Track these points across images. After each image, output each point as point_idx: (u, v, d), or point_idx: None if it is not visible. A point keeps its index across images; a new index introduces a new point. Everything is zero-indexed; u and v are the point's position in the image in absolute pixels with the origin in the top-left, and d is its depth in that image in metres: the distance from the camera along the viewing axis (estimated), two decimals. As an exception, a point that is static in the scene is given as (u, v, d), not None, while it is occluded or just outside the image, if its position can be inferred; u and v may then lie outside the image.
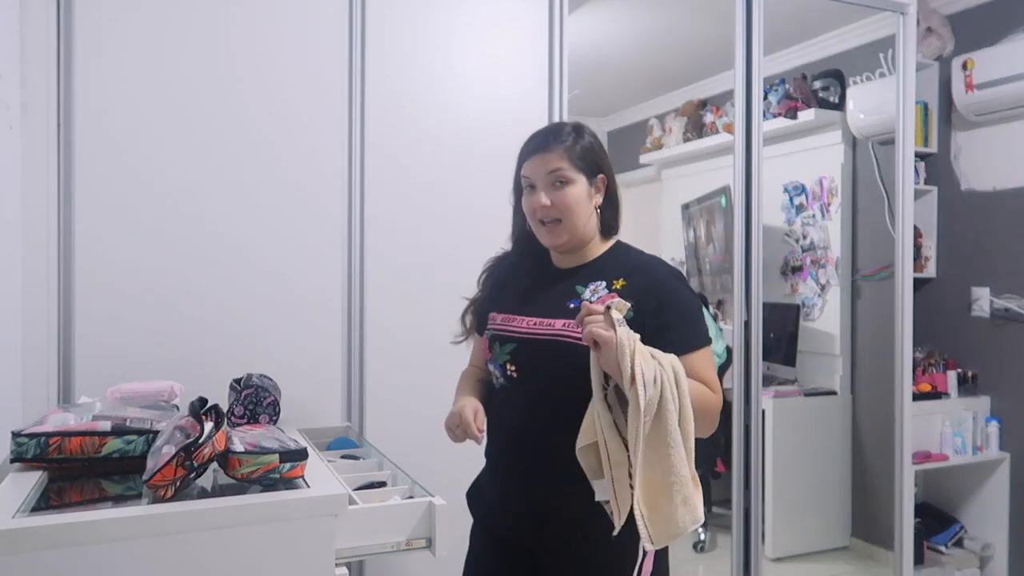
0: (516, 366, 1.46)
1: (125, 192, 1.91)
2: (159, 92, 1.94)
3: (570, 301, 1.45)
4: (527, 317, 1.48)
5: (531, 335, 1.45)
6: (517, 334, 1.47)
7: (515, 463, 1.49)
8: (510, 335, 1.48)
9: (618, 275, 1.46)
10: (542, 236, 1.49)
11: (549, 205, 1.45)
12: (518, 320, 1.49)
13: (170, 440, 1.16)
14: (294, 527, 1.12)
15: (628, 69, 4.40)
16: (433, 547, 1.25)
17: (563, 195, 1.45)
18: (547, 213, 1.46)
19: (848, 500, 3.70)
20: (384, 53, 2.16)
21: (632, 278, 1.44)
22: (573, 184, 1.46)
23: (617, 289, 1.43)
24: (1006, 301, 3.26)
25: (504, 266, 1.62)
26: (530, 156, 1.49)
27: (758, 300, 2.59)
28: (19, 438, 1.24)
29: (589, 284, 1.46)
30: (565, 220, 1.46)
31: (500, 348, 1.49)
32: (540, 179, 1.46)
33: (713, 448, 3.64)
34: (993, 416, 3.33)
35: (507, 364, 1.47)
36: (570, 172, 1.46)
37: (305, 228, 2.07)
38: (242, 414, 1.58)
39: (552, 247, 1.51)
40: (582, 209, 1.46)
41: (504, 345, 1.48)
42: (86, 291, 1.88)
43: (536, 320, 1.46)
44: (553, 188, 1.45)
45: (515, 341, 1.47)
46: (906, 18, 2.81)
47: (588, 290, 1.45)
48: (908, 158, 2.84)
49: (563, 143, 1.47)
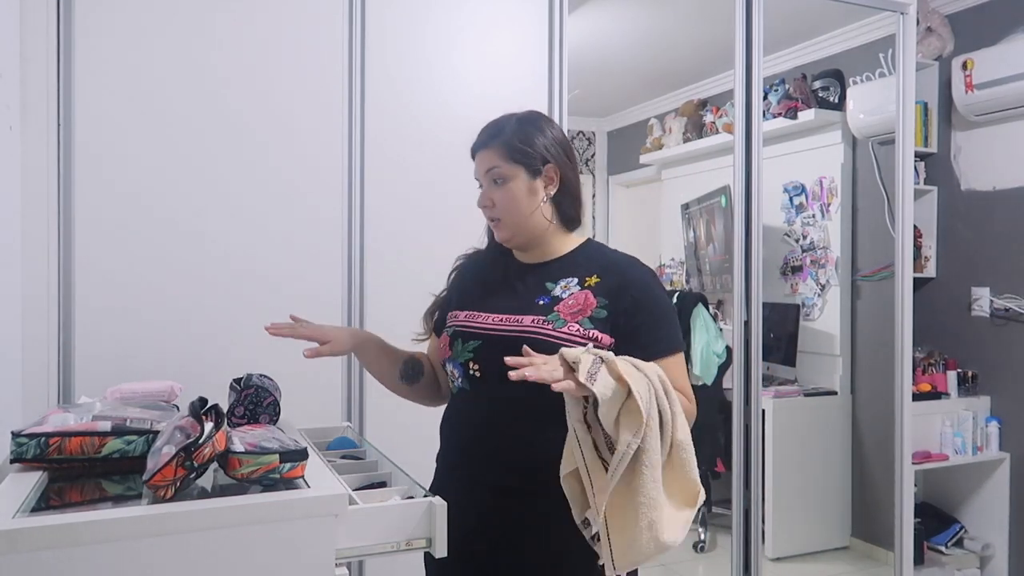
0: (480, 364, 1.39)
1: (125, 192, 1.91)
2: (159, 92, 1.94)
3: (539, 298, 1.40)
4: (492, 314, 1.42)
5: (497, 331, 1.39)
6: (481, 330, 1.41)
7: (476, 468, 1.42)
8: (473, 331, 1.42)
9: (591, 272, 1.41)
10: (495, 232, 1.48)
11: (491, 205, 1.44)
12: (482, 317, 1.43)
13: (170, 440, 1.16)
14: (294, 527, 1.12)
15: (628, 69, 4.40)
16: (434, 547, 1.25)
17: (502, 192, 1.42)
18: (490, 212, 1.45)
19: (848, 500, 3.71)
20: (384, 53, 2.16)
21: (606, 275, 1.40)
22: (511, 180, 1.42)
23: (590, 285, 1.39)
24: (1006, 301, 3.26)
25: (472, 264, 1.58)
26: (474, 155, 1.48)
27: (758, 300, 2.59)
28: (19, 438, 1.23)
29: (560, 280, 1.42)
30: (504, 217, 1.43)
31: (462, 346, 1.42)
32: (482, 177, 1.46)
33: (713, 448, 3.65)
34: (993, 416, 3.33)
35: (469, 363, 1.40)
36: (506, 168, 1.42)
37: (305, 227, 2.07)
38: (242, 414, 1.58)
39: (503, 242, 1.48)
40: (521, 205, 1.42)
41: (467, 343, 1.41)
42: (86, 291, 1.88)
43: (502, 317, 1.40)
44: (493, 186, 1.43)
45: (479, 338, 1.40)
46: (906, 18, 2.81)
47: (559, 286, 1.41)
48: (908, 158, 2.84)
49: (500, 138, 1.44)
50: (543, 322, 1.35)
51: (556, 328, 1.35)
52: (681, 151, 4.62)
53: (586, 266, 1.43)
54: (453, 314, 1.49)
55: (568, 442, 1.27)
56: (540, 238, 1.46)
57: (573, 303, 1.37)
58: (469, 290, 1.51)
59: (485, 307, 1.45)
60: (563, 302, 1.38)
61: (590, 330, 1.34)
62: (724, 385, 3.60)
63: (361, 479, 1.47)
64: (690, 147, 4.53)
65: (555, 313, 1.37)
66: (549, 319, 1.36)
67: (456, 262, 1.61)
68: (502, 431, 1.39)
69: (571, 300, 1.38)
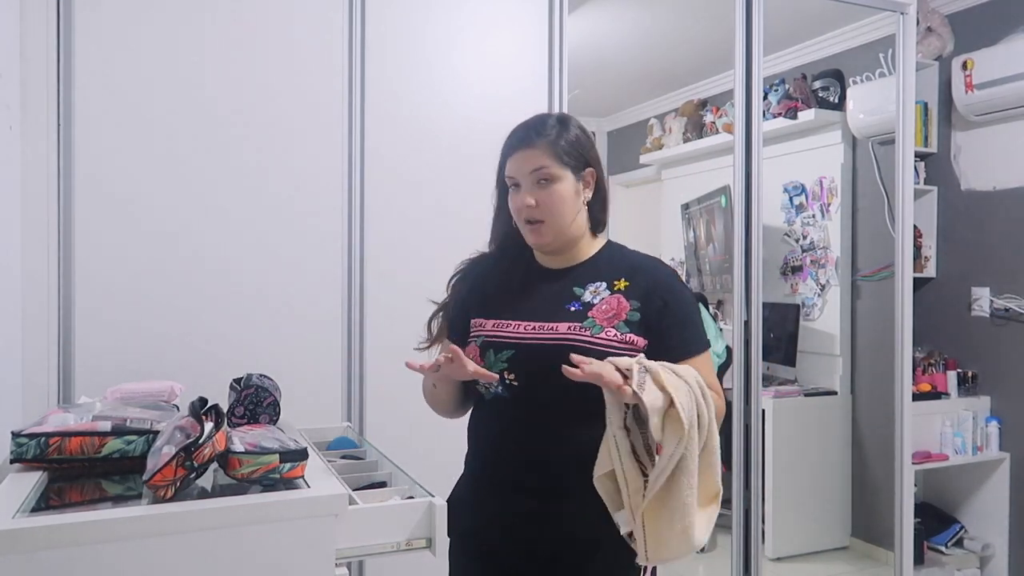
0: (516, 374, 1.37)
1: (125, 192, 1.91)
2: (158, 92, 1.94)
3: (570, 304, 1.39)
4: (522, 322, 1.40)
5: (531, 340, 1.37)
6: (514, 339, 1.39)
7: (510, 474, 1.40)
8: (506, 341, 1.39)
9: (619, 275, 1.40)
10: (528, 236, 1.42)
11: (534, 205, 1.37)
12: (512, 325, 1.40)
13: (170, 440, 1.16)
14: (294, 527, 1.12)
15: (628, 69, 4.40)
16: (433, 547, 1.25)
17: (549, 194, 1.37)
18: (532, 213, 1.38)
19: (848, 500, 3.70)
20: (384, 53, 2.16)
21: (635, 279, 1.39)
22: (559, 181, 1.38)
23: (620, 290, 1.38)
24: (1006, 301, 3.26)
25: (480, 269, 1.52)
26: (513, 153, 1.40)
27: (758, 300, 2.59)
28: (19, 438, 1.23)
29: (588, 285, 1.40)
30: (550, 220, 1.38)
31: (495, 356, 1.39)
32: (524, 177, 1.38)
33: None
34: (993, 416, 3.33)
35: (504, 372, 1.38)
36: (555, 169, 1.37)
37: (305, 228, 2.07)
38: (242, 414, 1.58)
39: (538, 247, 1.44)
40: (569, 207, 1.39)
41: (500, 352, 1.39)
42: (86, 291, 1.88)
43: (534, 324, 1.39)
44: (538, 187, 1.37)
45: (512, 347, 1.38)
46: (906, 18, 2.81)
47: (588, 291, 1.39)
48: (908, 158, 2.84)
49: (547, 137, 1.38)
50: (580, 328, 1.35)
51: (594, 334, 1.34)
52: (681, 151, 4.61)
53: (612, 270, 1.42)
54: (479, 323, 1.46)
55: (605, 444, 1.29)
56: (574, 243, 1.44)
57: (607, 308, 1.37)
58: (492, 297, 1.47)
59: (514, 315, 1.42)
60: (596, 307, 1.37)
61: (627, 334, 1.35)
62: (724, 385, 3.60)
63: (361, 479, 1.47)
64: (690, 147, 4.53)
65: (591, 319, 1.36)
66: (585, 325, 1.35)
67: (460, 267, 1.56)
68: (540, 434, 1.38)
69: (604, 305, 1.37)
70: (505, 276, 1.47)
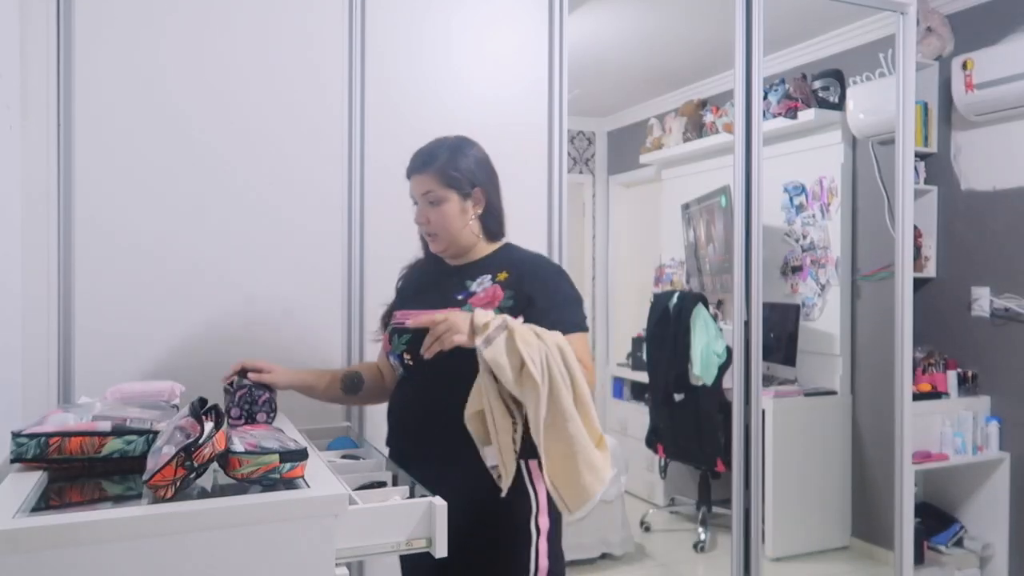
0: (411, 354, 1.59)
1: (125, 192, 1.91)
2: (158, 92, 1.94)
3: (457, 293, 1.61)
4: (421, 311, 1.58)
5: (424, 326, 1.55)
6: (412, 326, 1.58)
7: (411, 448, 1.61)
8: (404, 327, 1.62)
9: (502, 269, 1.62)
10: (429, 244, 1.69)
11: (426, 222, 1.63)
12: (413, 314, 1.59)
13: (170, 440, 1.16)
14: (294, 527, 1.12)
15: (628, 69, 4.40)
16: (434, 546, 1.25)
17: (437, 212, 1.62)
18: (426, 228, 1.65)
19: (848, 500, 3.71)
20: (384, 53, 2.16)
21: (514, 270, 1.61)
22: (445, 202, 1.61)
23: (500, 280, 1.60)
24: (1006, 301, 3.26)
25: (414, 271, 1.79)
26: (409, 176, 1.66)
27: (758, 300, 2.59)
28: (19, 438, 1.23)
29: (476, 278, 1.62)
30: (441, 233, 1.63)
31: (398, 340, 1.64)
32: (418, 197, 1.64)
33: (713, 448, 3.65)
34: (993, 416, 3.33)
35: (403, 354, 1.62)
36: (441, 192, 1.61)
37: (304, 227, 2.07)
38: (239, 415, 1.58)
39: (437, 253, 1.69)
40: (455, 223, 1.62)
41: (401, 336, 1.63)
42: (86, 291, 1.88)
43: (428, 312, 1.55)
44: (429, 206, 1.62)
45: (410, 332, 1.59)
46: (906, 18, 2.80)
47: (475, 283, 1.61)
48: (908, 158, 2.84)
49: (434, 164, 1.61)
50: None
51: None
52: (681, 151, 4.62)
53: (499, 265, 1.64)
54: (395, 314, 1.71)
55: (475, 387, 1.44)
56: (468, 249, 1.67)
57: (484, 296, 1.58)
58: (408, 293, 1.75)
59: (416, 305, 1.64)
60: (476, 296, 1.59)
61: None
62: (724, 385, 3.60)
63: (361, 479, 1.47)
64: (690, 147, 4.53)
65: (468, 306, 1.56)
66: (464, 311, 1.52)
67: (401, 271, 1.81)
68: (431, 411, 1.57)
69: (483, 294, 1.59)
70: (422, 274, 1.74)
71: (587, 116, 5.60)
